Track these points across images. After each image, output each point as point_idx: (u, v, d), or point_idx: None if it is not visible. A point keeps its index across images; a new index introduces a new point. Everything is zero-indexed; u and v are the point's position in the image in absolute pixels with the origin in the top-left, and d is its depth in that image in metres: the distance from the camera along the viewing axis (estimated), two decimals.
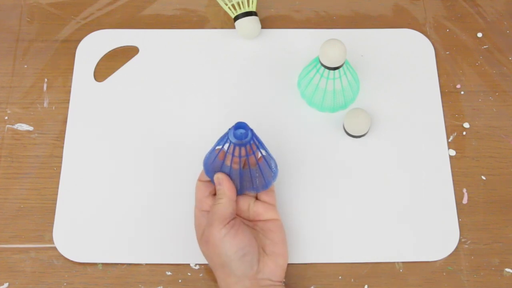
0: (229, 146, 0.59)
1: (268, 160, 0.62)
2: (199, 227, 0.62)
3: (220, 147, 0.60)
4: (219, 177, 0.61)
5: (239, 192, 0.63)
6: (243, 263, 0.58)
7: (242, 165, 0.60)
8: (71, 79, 0.76)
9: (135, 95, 0.75)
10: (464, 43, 0.79)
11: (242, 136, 0.58)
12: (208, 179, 0.64)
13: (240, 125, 0.58)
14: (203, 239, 0.60)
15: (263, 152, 0.61)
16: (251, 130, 0.58)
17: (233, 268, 0.58)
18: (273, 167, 0.63)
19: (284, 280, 0.61)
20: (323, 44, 0.66)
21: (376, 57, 0.77)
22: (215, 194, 0.62)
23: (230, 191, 0.61)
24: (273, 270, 0.60)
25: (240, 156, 0.59)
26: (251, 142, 0.58)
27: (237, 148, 0.58)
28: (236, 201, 0.62)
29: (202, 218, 0.62)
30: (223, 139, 0.59)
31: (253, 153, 0.59)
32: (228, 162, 0.61)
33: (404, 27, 0.79)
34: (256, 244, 0.60)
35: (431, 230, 0.67)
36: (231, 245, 0.58)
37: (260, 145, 0.60)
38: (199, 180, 0.64)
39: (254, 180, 0.62)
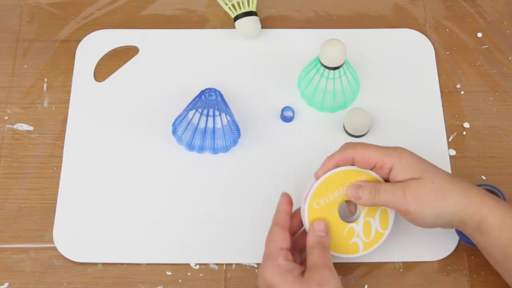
0: (198, 106, 0.68)
1: (231, 124, 0.69)
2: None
3: (193, 111, 0.69)
4: (323, 223, 0.60)
5: (199, 150, 0.70)
6: None
7: (207, 124, 0.70)
8: (71, 79, 0.76)
9: (135, 95, 0.75)
10: (464, 43, 0.79)
11: (212, 98, 0.68)
12: (287, 225, 0.60)
13: (211, 89, 0.69)
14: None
15: (228, 117, 0.68)
16: (219, 92, 0.70)
17: None
18: (235, 132, 0.69)
19: None
20: (323, 44, 0.66)
21: (376, 57, 0.77)
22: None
23: None
24: None
25: (207, 115, 0.70)
26: (218, 104, 0.68)
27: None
28: None
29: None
30: (194, 102, 0.69)
31: (220, 114, 0.70)
32: (195, 121, 0.70)
33: (404, 27, 0.79)
34: None
35: (431, 230, 0.67)
36: None
37: (226, 109, 0.68)
38: (279, 226, 0.60)
39: (215, 140, 0.70)
